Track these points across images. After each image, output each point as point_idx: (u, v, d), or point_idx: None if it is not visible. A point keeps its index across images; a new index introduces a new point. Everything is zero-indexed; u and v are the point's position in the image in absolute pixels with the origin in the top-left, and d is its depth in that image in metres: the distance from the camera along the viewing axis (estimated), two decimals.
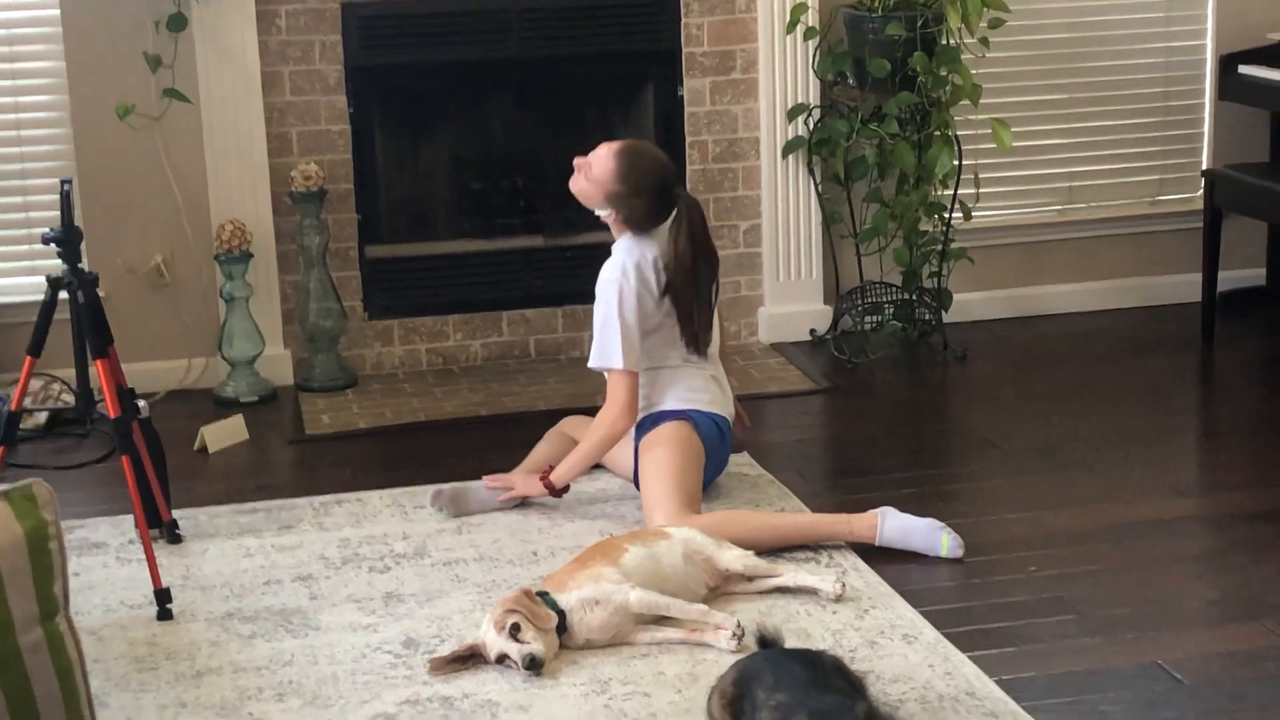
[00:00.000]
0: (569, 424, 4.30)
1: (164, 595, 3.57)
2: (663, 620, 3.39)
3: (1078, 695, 3.13)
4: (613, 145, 4.07)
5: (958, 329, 5.54)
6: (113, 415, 3.68)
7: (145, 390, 4.73)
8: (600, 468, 4.27)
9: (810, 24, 5.33)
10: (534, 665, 3.21)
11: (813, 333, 5.58)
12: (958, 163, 5.26)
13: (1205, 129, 5.89)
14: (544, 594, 3.35)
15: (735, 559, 3.57)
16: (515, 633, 3.23)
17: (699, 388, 4.10)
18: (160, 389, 5.13)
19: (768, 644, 2.99)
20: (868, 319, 5.48)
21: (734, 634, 3.31)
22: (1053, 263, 5.85)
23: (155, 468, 3.89)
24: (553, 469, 4.07)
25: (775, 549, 3.76)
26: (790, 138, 5.44)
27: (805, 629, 3.41)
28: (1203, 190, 5.57)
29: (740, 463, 4.36)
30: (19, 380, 3.75)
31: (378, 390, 5.22)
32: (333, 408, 5.05)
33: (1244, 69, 5.65)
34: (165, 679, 3.28)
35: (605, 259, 4.11)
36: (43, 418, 4.87)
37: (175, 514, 4.02)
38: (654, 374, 4.09)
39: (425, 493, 4.17)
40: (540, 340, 5.49)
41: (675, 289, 4.04)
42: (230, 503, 4.24)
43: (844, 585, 3.55)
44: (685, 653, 3.32)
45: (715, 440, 4.09)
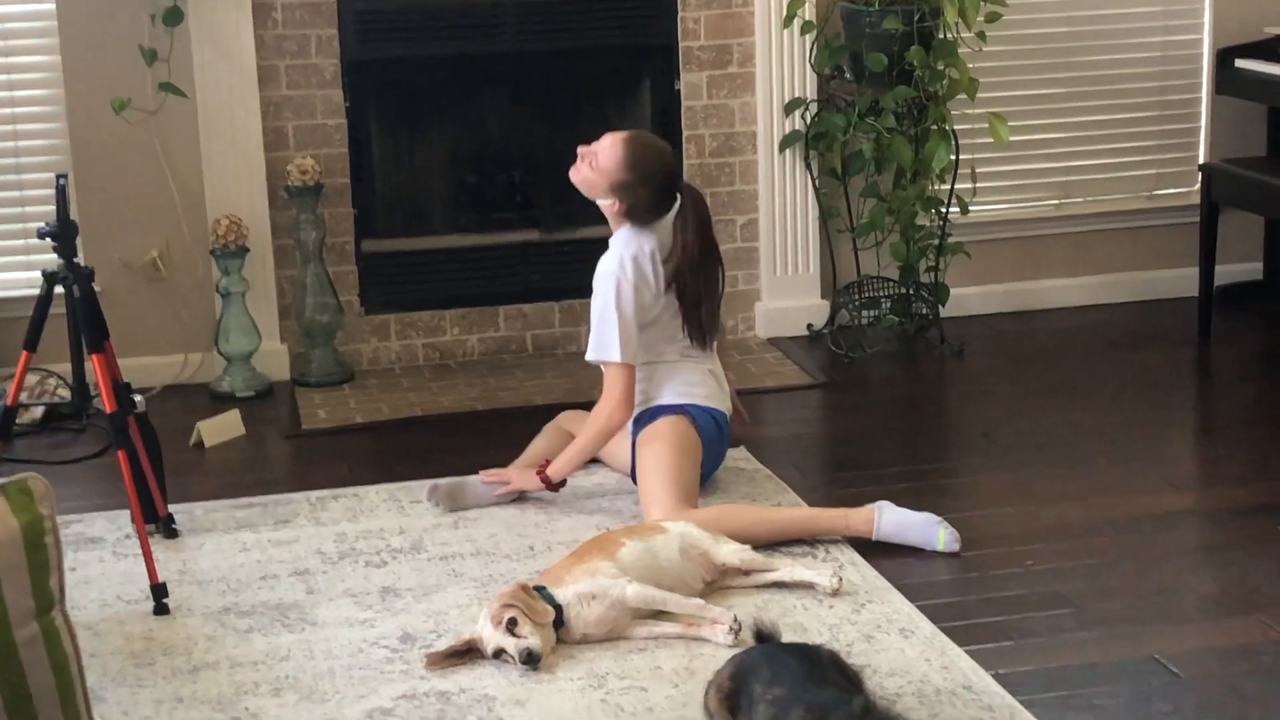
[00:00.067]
0: (566, 419, 4.30)
1: (160, 590, 3.57)
2: (660, 615, 3.39)
3: (1074, 689, 3.13)
4: (619, 134, 4.06)
5: (955, 323, 5.54)
6: (109, 410, 3.67)
7: (141, 385, 4.73)
8: (597, 462, 4.28)
9: (807, 18, 5.33)
10: (531, 660, 3.21)
11: (810, 327, 5.58)
12: (954, 157, 5.26)
13: (1202, 123, 5.89)
14: (541, 589, 3.35)
15: (732, 553, 3.57)
16: (512, 627, 3.23)
17: (696, 382, 4.10)
18: (156, 384, 5.13)
19: (764, 638, 2.99)
20: (865, 314, 5.48)
21: (731, 628, 3.31)
22: (1050, 257, 5.85)
23: (151, 463, 3.88)
24: (549, 463, 4.07)
25: (772, 543, 3.76)
26: (787, 132, 5.44)
27: (802, 623, 3.41)
28: (1199, 184, 5.56)
29: (737, 457, 4.35)
30: (15, 375, 3.74)
31: (374, 385, 5.22)
32: (329, 403, 5.05)
33: (1241, 63, 5.65)
34: (162, 674, 3.28)
35: (602, 253, 4.11)
36: (39, 412, 4.86)
37: (171, 509, 4.01)
38: (651, 368, 4.09)
39: (422, 487, 4.16)
40: (537, 335, 5.48)
41: (683, 282, 4.03)
42: (227, 498, 4.24)
43: (841, 579, 3.55)
44: (682, 647, 3.32)
45: (712, 435, 4.08)
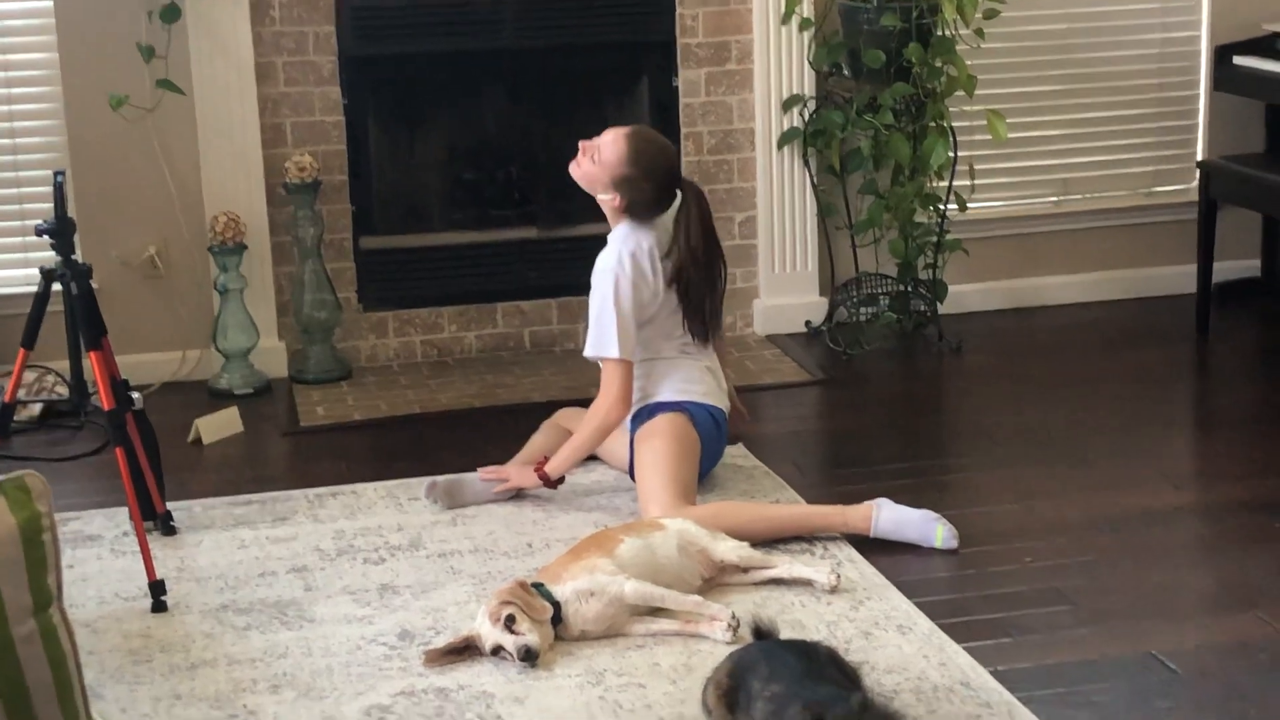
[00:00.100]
0: (564, 415, 4.30)
1: (158, 587, 3.57)
2: (658, 612, 3.39)
3: (1072, 686, 3.13)
4: (622, 128, 4.06)
5: (953, 320, 5.54)
6: (106, 407, 3.67)
7: (139, 382, 4.73)
8: (595, 459, 4.28)
9: (805, 15, 5.33)
10: (529, 657, 3.21)
11: (808, 324, 5.58)
12: (953, 154, 5.26)
13: (1200, 120, 5.89)
14: (539, 585, 3.35)
15: (730, 550, 3.57)
16: (510, 624, 3.23)
17: (695, 379, 4.10)
18: (154, 381, 5.13)
19: (763, 635, 2.99)
20: (863, 310, 5.47)
21: (729, 625, 3.31)
22: (1048, 254, 5.85)
23: (149, 460, 3.88)
24: (548, 460, 4.07)
25: (770, 540, 3.76)
26: (785, 129, 5.43)
27: (800, 620, 3.41)
28: (1197, 181, 5.56)
29: (735, 454, 4.35)
30: (12, 372, 3.75)
31: (372, 382, 5.22)
32: (327, 399, 5.05)
33: (1239, 60, 5.65)
34: (160, 671, 3.28)
35: (601, 250, 4.11)
36: (37, 410, 4.86)
37: (170, 506, 4.01)
38: (649, 365, 4.09)
39: (420, 484, 4.16)
40: (535, 332, 5.48)
41: (687, 278, 4.03)
42: (225, 495, 4.24)
43: (839, 576, 3.55)
44: (680, 644, 3.32)
45: (711, 432, 4.08)
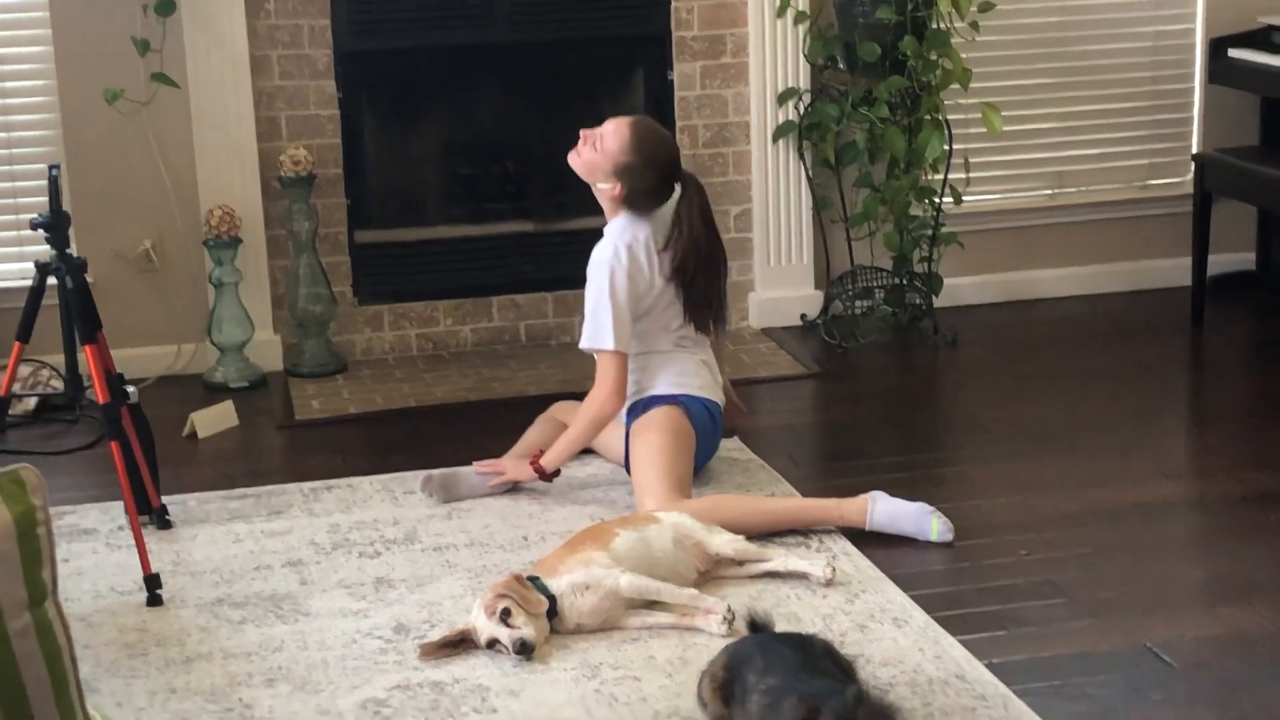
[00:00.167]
0: (559, 409, 4.30)
1: (154, 581, 3.57)
2: (653, 605, 3.39)
3: (1067, 678, 3.13)
4: (625, 118, 4.07)
5: (948, 313, 5.54)
6: (102, 401, 3.67)
7: (134, 376, 4.72)
8: (591, 452, 4.28)
9: (800, 8, 5.33)
10: (525, 650, 3.21)
11: (803, 317, 5.58)
12: (948, 147, 5.26)
13: (1195, 113, 5.89)
14: (534, 579, 3.35)
15: (726, 543, 3.57)
16: (506, 618, 3.23)
17: (690, 372, 4.10)
18: (149, 375, 5.12)
19: (758, 628, 2.99)
20: (858, 304, 5.48)
21: (724, 618, 3.31)
22: (1043, 247, 5.85)
23: (145, 453, 3.88)
24: (543, 453, 4.07)
25: (766, 533, 3.76)
26: (780, 122, 5.43)
27: (795, 613, 3.41)
28: (1192, 174, 5.57)
29: (731, 447, 4.36)
30: (7, 366, 3.74)
31: (368, 375, 5.22)
32: (323, 393, 5.05)
33: (1234, 52, 5.65)
34: (155, 665, 3.28)
35: (596, 243, 4.10)
36: (32, 403, 4.86)
37: (165, 500, 4.01)
38: (645, 358, 4.09)
39: (415, 478, 4.16)
40: (530, 325, 5.48)
41: (692, 270, 4.03)
42: (220, 488, 4.23)
43: (834, 570, 3.55)
44: (676, 637, 3.32)
45: (706, 425, 4.08)
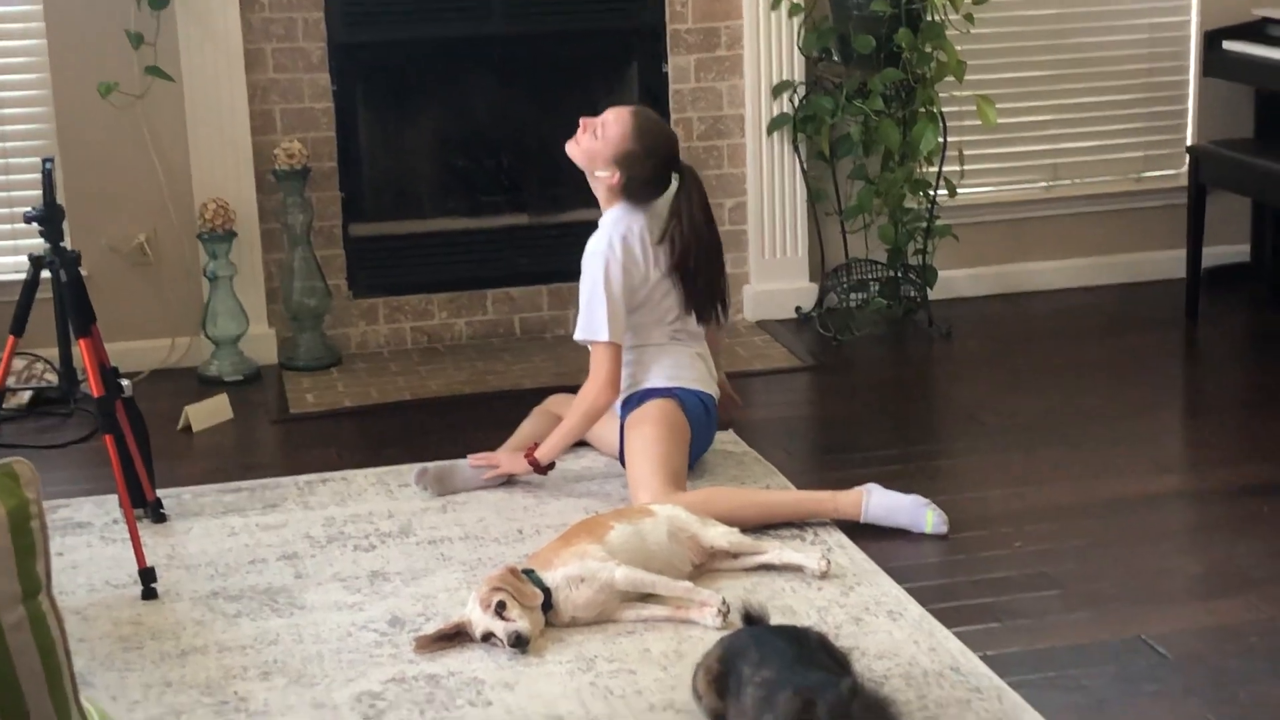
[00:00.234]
0: (554, 402, 4.29)
1: (148, 574, 3.56)
2: (648, 598, 3.39)
3: (1062, 670, 3.13)
4: (625, 107, 4.09)
5: (943, 306, 5.54)
6: (96, 394, 3.67)
7: (129, 369, 4.71)
8: (585, 445, 4.27)
9: (795, 0, 5.32)
10: (520, 643, 3.21)
11: (798, 310, 5.58)
12: (942, 139, 5.26)
13: (1190, 105, 5.90)
14: (529, 572, 3.35)
15: (720, 536, 3.57)
16: (501, 611, 3.23)
17: (685, 365, 4.10)
18: (144, 368, 5.12)
19: (753, 621, 2.99)
20: (853, 296, 5.48)
21: (719, 611, 3.31)
22: (1037, 239, 5.85)
23: (139, 447, 3.88)
24: (538, 446, 4.06)
25: (760, 526, 3.76)
26: (775, 115, 5.43)
27: (790, 606, 3.41)
28: (1187, 166, 5.57)
29: (725, 440, 4.36)
30: (1, 359, 3.73)
31: (362, 369, 5.22)
32: (317, 386, 5.05)
33: (1228, 45, 5.65)
34: (150, 658, 3.28)
35: (591, 235, 4.10)
36: (26, 397, 4.85)
37: (159, 493, 4.01)
38: (640, 351, 4.09)
39: (410, 471, 4.16)
40: (525, 318, 5.48)
41: (694, 261, 4.03)
42: (214, 482, 4.23)
43: (829, 562, 3.55)
44: (671, 630, 3.32)
45: (701, 418, 4.08)
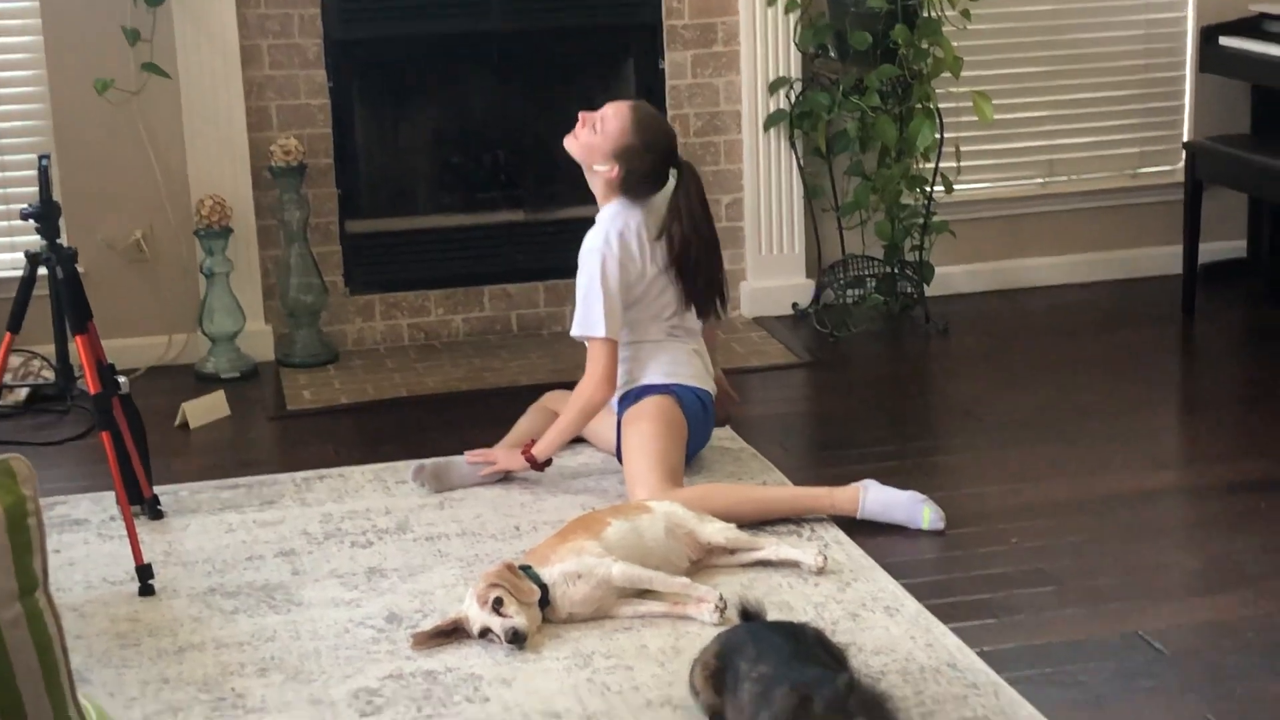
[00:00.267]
0: (551, 398, 4.29)
1: (145, 571, 3.56)
2: (645, 594, 3.39)
3: (1058, 666, 3.14)
4: (624, 101, 4.10)
5: (939, 302, 5.54)
6: (93, 391, 3.67)
7: (125, 366, 4.72)
8: (583, 442, 4.28)
9: None
10: (517, 639, 3.21)
11: (795, 306, 5.58)
12: (939, 136, 5.26)
13: (1186, 101, 5.90)
14: (526, 568, 3.35)
15: (717, 532, 3.58)
16: (498, 607, 3.23)
17: (682, 362, 4.10)
18: (140, 365, 5.12)
19: (750, 617, 3.00)
20: (850, 292, 5.48)
21: (716, 607, 3.31)
22: (1034, 236, 5.85)
23: (136, 444, 3.87)
24: (535, 443, 4.06)
25: (757, 522, 3.76)
26: (772, 111, 5.43)
27: (787, 601, 3.41)
28: (1183, 162, 5.57)
29: (722, 436, 4.36)
30: None
31: (359, 365, 5.22)
32: (314, 383, 5.04)
33: (1225, 40, 5.65)
34: (147, 655, 3.28)
35: (588, 232, 4.10)
36: (23, 394, 4.85)
37: (156, 490, 4.00)
38: (636, 348, 4.09)
39: (407, 468, 4.16)
40: (522, 315, 5.48)
41: (694, 256, 4.03)
42: (212, 479, 4.23)
43: (826, 558, 3.56)
44: (668, 626, 3.32)
45: (698, 414, 4.08)
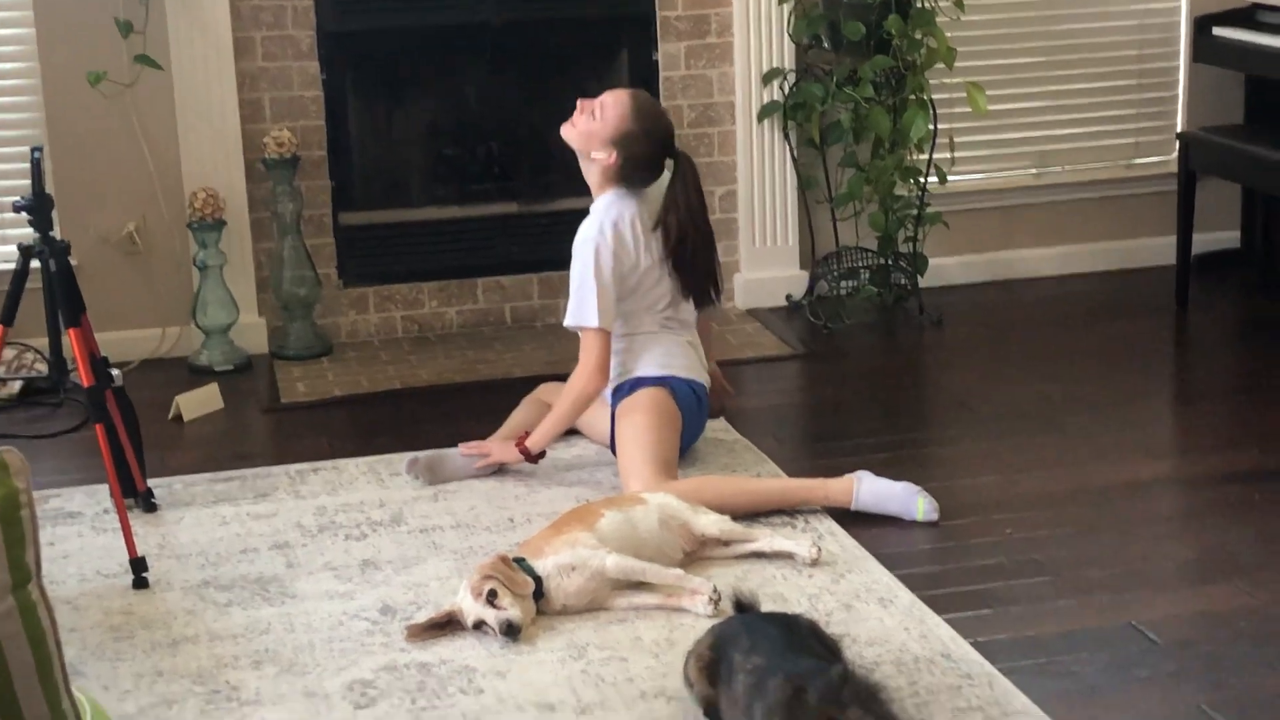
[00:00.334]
0: (545, 390, 4.29)
1: (139, 564, 3.56)
2: (639, 585, 3.39)
3: (1052, 656, 3.14)
4: (623, 89, 4.11)
5: (933, 293, 5.54)
6: (86, 384, 3.66)
7: (119, 359, 4.70)
8: (577, 434, 4.28)
9: None
10: (511, 631, 3.22)
11: (789, 298, 5.58)
12: (933, 127, 5.26)
13: (1180, 91, 5.90)
14: (521, 560, 3.35)
15: (711, 524, 3.58)
16: (492, 599, 3.23)
17: (676, 353, 4.10)
18: (134, 358, 5.11)
19: (744, 608, 3.00)
20: (844, 284, 5.48)
21: (710, 598, 3.31)
22: (1028, 227, 5.85)
23: (130, 436, 3.87)
24: (529, 435, 4.07)
25: (751, 514, 3.76)
26: (765, 102, 5.43)
27: (781, 593, 3.41)
28: (1177, 153, 5.57)
29: (716, 428, 4.36)
30: None
31: (353, 358, 5.21)
32: (308, 376, 5.04)
33: (1218, 31, 5.65)
34: (141, 648, 3.28)
35: (581, 222, 4.10)
36: (16, 387, 4.85)
37: (150, 483, 4.00)
38: (630, 340, 4.09)
39: (401, 460, 4.16)
40: (516, 307, 5.47)
41: (691, 246, 4.03)
42: (205, 471, 4.23)
43: (820, 549, 3.56)
44: (662, 618, 3.32)
45: (692, 406, 4.08)
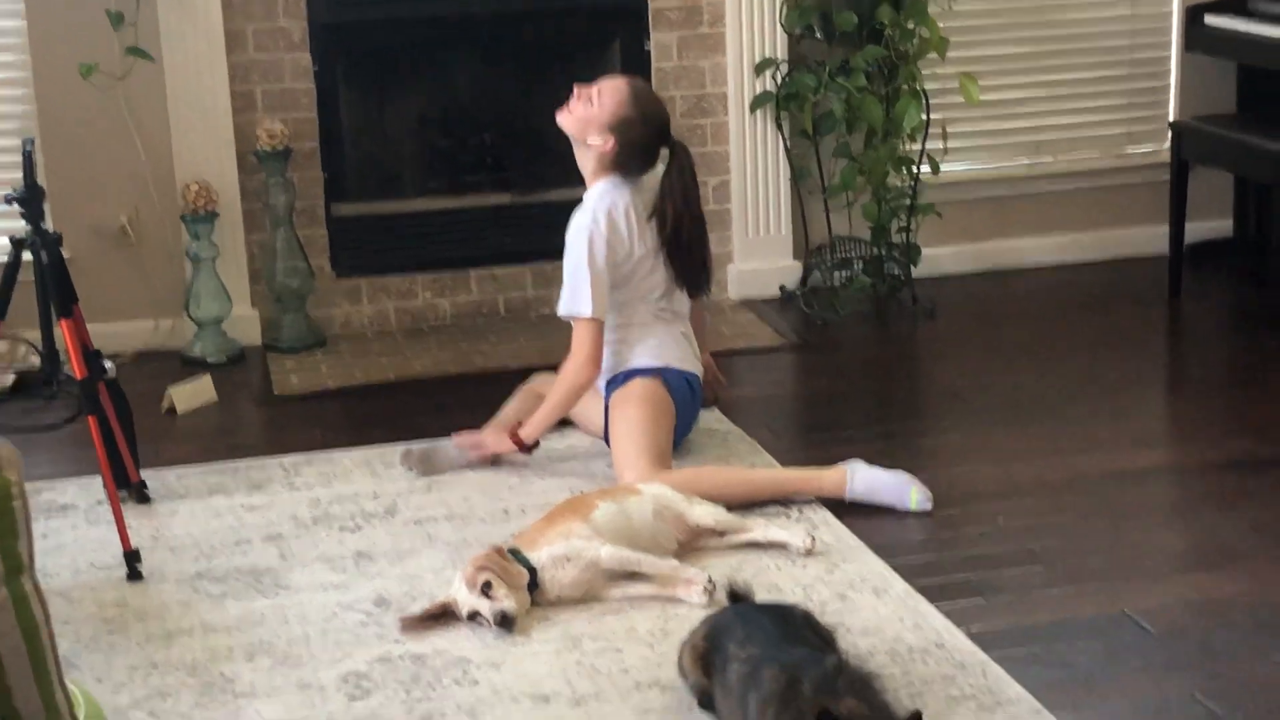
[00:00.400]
0: (538, 381, 4.29)
1: (133, 556, 3.56)
2: (634, 576, 3.39)
3: (1046, 645, 3.15)
4: (620, 76, 4.11)
5: (927, 284, 5.54)
6: (79, 376, 3.66)
7: (112, 351, 4.69)
8: (570, 425, 4.28)
9: None
10: (506, 622, 3.22)
11: (782, 289, 5.58)
12: (925, 117, 5.26)
13: (1172, 81, 5.90)
14: (515, 551, 3.35)
15: (706, 514, 3.58)
16: (487, 590, 3.23)
17: (670, 344, 4.10)
18: (127, 350, 5.11)
19: (738, 598, 3.00)
20: (837, 274, 5.48)
21: (705, 589, 3.31)
22: (1021, 216, 5.85)
23: (123, 428, 3.87)
24: (522, 425, 4.06)
25: (745, 504, 3.77)
26: (758, 93, 5.42)
27: (776, 583, 3.42)
28: (1169, 142, 5.57)
29: (710, 419, 4.36)
30: None
31: (346, 350, 5.21)
32: (301, 367, 5.04)
33: (1210, 20, 5.65)
34: (135, 640, 3.28)
35: (574, 211, 4.10)
36: (9, 379, 4.84)
37: (144, 475, 4.00)
38: (624, 330, 4.08)
39: (395, 452, 4.16)
40: (509, 298, 5.47)
41: (686, 236, 4.04)
42: (199, 463, 4.22)
43: (814, 539, 3.56)
44: (657, 608, 3.33)
45: (686, 397, 4.09)
